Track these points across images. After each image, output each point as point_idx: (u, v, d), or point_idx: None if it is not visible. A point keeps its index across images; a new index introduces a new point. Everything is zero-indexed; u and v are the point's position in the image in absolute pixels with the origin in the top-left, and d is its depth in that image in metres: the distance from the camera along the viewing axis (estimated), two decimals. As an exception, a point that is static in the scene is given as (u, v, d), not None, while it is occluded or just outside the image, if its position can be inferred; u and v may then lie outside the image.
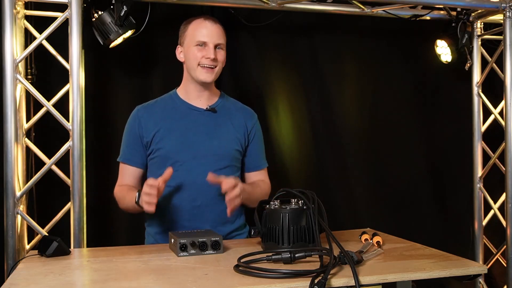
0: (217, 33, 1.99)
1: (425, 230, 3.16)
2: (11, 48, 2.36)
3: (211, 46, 1.96)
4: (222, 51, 2.00)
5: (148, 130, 2.00)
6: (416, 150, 3.26)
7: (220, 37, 2.00)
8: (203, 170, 1.94)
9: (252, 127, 2.11)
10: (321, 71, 3.10)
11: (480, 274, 3.02)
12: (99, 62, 2.68)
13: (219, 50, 1.99)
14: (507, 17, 2.82)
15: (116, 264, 1.52)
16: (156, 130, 1.99)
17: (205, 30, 1.97)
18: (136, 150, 2.03)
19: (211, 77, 1.98)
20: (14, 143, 2.35)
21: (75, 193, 2.37)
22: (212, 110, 2.04)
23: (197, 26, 1.99)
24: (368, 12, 2.91)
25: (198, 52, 1.96)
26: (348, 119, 3.13)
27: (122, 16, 2.46)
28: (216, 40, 1.97)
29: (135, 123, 2.03)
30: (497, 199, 3.16)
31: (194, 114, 2.03)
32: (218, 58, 1.98)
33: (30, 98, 2.53)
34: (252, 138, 2.11)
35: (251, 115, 2.15)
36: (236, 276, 1.34)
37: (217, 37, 1.98)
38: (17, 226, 2.39)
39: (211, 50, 1.95)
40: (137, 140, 2.02)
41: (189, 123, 2.01)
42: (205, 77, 1.98)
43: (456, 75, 3.22)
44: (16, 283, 1.32)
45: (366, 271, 1.37)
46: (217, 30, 1.99)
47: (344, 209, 3.09)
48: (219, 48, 1.99)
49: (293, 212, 1.58)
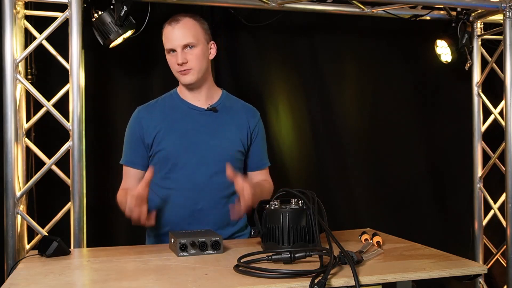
0: (182, 34, 1.91)
1: (425, 230, 3.17)
2: (11, 48, 2.36)
3: (179, 51, 1.90)
4: (194, 48, 1.92)
5: (149, 132, 1.97)
6: (416, 150, 3.26)
7: (187, 36, 1.91)
8: (205, 172, 1.94)
9: (255, 126, 2.08)
10: (321, 71, 3.10)
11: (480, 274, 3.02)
12: (99, 62, 2.69)
13: (190, 50, 1.91)
14: (507, 17, 2.82)
15: (116, 264, 1.52)
16: (157, 131, 1.97)
17: (170, 35, 1.92)
18: (138, 152, 2.00)
19: (191, 78, 1.94)
20: (14, 143, 2.35)
21: (75, 193, 2.37)
22: (213, 110, 2.00)
23: (165, 33, 1.95)
24: (368, 12, 2.91)
25: (171, 59, 1.94)
26: (348, 119, 3.13)
27: (122, 16, 2.46)
28: (180, 42, 1.90)
29: (136, 125, 2.00)
30: (497, 199, 3.16)
31: (194, 114, 2.00)
32: (189, 58, 1.91)
33: (30, 98, 2.53)
34: (255, 137, 2.08)
35: (253, 114, 2.11)
36: (236, 276, 1.34)
37: (182, 37, 1.90)
38: (17, 226, 2.39)
39: (179, 55, 1.90)
40: (138, 141, 1.99)
41: (190, 124, 1.99)
42: (184, 80, 1.95)
43: (456, 75, 3.22)
44: (16, 283, 1.31)
45: (366, 271, 1.37)
46: (182, 30, 1.91)
47: (344, 209, 3.09)
48: (191, 47, 1.91)
49: (293, 212, 1.58)
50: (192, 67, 1.92)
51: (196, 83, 1.97)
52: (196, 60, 1.92)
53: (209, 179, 1.95)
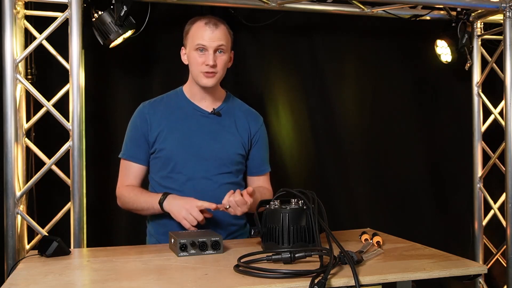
0: (217, 36, 1.93)
1: (425, 230, 3.16)
2: (11, 48, 2.36)
3: (211, 52, 1.92)
4: (224, 54, 1.95)
5: (152, 129, 1.98)
6: (416, 150, 3.25)
7: (221, 38, 1.94)
8: (205, 174, 1.94)
9: (256, 132, 2.09)
10: (321, 71, 3.10)
11: (480, 274, 3.03)
12: (99, 62, 2.68)
13: (220, 54, 1.94)
14: (507, 17, 2.82)
15: (116, 264, 1.52)
16: (160, 130, 1.97)
17: (205, 34, 1.92)
18: (140, 146, 2.00)
19: (212, 81, 1.96)
20: (14, 143, 2.35)
21: (75, 193, 2.37)
22: (217, 114, 2.02)
23: (198, 29, 1.95)
24: (368, 12, 2.91)
25: (198, 57, 1.94)
26: (348, 119, 3.13)
27: (122, 16, 2.46)
28: (216, 43, 1.92)
29: (141, 120, 2.00)
30: (497, 199, 3.16)
31: (198, 116, 2.02)
32: (218, 62, 1.94)
33: (30, 98, 2.53)
34: (256, 142, 2.09)
35: (256, 119, 2.12)
36: (236, 276, 1.34)
37: (217, 40, 1.93)
38: (17, 226, 2.39)
39: (211, 56, 1.91)
40: (142, 136, 1.99)
41: (193, 125, 2.00)
42: (206, 83, 1.96)
43: (456, 75, 3.22)
44: (16, 283, 1.32)
45: (366, 271, 1.37)
46: (218, 33, 1.94)
47: (344, 209, 3.09)
48: (220, 52, 1.94)
49: (293, 212, 1.58)
50: (217, 71, 1.95)
51: (213, 87, 2.00)
52: (222, 66, 1.97)
53: (209, 181, 1.95)
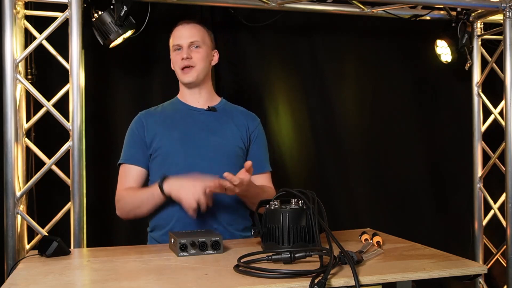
0: (190, 33, 2.00)
1: (425, 230, 3.16)
2: (11, 48, 2.36)
3: (185, 46, 1.98)
4: (200, 48, 2.00)
5: (149, 130, 2.00)
6: (416, 150, 3.26)
7: (194, 34, 2.00)
8: (205, 168, 1.94)
9: (254, 129, 2.10)
10: (321, 71, 3.10)
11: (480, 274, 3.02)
12: (99, 62, 2.69)
13: (195, 49, 2.00)
14: (507, 17, 2.82)
15: (116, 264, 1.52)
16: (157, 131, 1.99)
17: (179, 33, 2.01)
18: (139, 149, 2.00)
19: (192, 76, 1.99)
20: (14, 143, 2.35)
21: (75, 193, 2.37)
22: (213, 110, 2.05)
23: (174, 33, 2.04)
24: (368, 12, 2.91)
25: (176, 56, 2.01)
26: (348, 119, 3.13)
27: (122, 16, 2.46)
28: (189, 39, 1.99)
29: (137, 125, 2.03)
30: (497, 199, 3.16)
31: (195, 114, 2.04)
32: (194, 56, 1.99)
33: (30, 98, 2.53)
34: (254, 139, 2.09)
35: (253, 118, 2.14)
36: (236, 276, 1.34)
37: (189, 36, 1.99)
38: (17, 226, 2.39)
39: (185, 50, 1.98)
40: (140, 140, 2.00)
41: (190, 123, 2.02)
42: (185, 78, 2.00)
43: (456, 75, 3.23)
44: (16, 283, 1.31)
45: (366, 271, 1.37)
46: (190, 29, 2.01)
47: (344, 209, 3.09)
48: (196, 47, 2.00)
49: (293, 212, 1.57)
50: (195, 65, 1.99)
51: (196, 83, 2.02)
52: (199, 59, 2.00)
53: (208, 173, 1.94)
